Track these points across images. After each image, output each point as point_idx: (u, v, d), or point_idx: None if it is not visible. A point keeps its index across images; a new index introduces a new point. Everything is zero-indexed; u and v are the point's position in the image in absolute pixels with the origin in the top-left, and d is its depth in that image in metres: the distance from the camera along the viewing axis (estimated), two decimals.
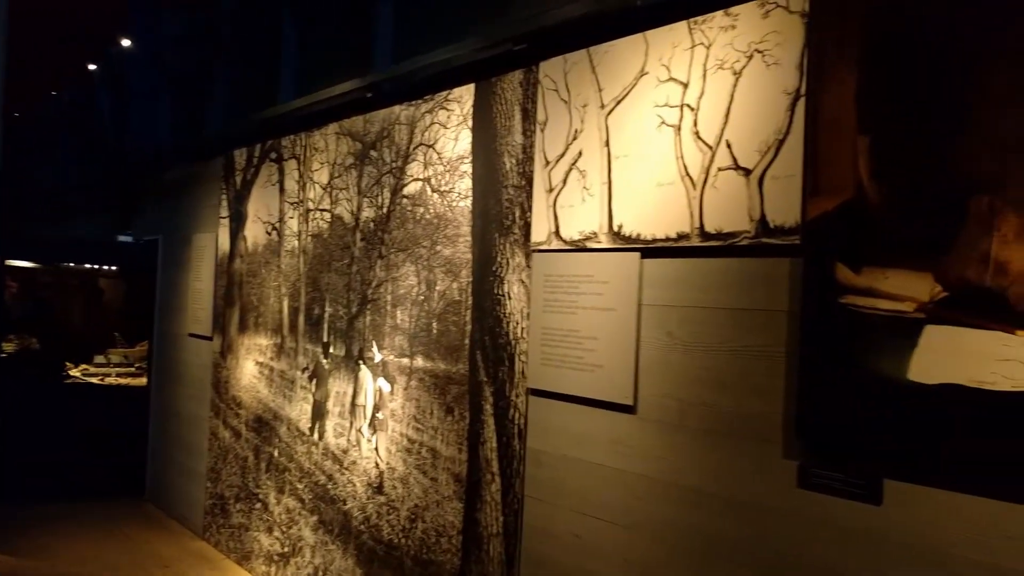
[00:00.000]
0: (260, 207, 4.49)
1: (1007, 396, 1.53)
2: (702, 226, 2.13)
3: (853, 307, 1.78)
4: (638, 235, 2.30)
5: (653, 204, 2.26)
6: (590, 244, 2.45)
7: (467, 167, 2.97)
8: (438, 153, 3.13)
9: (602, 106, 2.44)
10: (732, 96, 2.07)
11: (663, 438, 2.21)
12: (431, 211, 3.15)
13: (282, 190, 4.28)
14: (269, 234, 4.39)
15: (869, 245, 1.77)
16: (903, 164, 1.73)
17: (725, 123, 2.08)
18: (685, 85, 2.19)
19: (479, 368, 2.85)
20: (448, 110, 3.09)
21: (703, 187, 2.13)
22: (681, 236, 2.18)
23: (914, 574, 1.67)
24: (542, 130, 2.64)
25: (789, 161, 1.94)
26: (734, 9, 2.08)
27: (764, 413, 1.97)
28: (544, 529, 2.55)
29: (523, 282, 2.69)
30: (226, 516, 4.64)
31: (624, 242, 2.35)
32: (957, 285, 1.63)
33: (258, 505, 4.31)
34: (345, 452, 3.62)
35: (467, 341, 2.91)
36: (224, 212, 4.87)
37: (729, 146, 2.07)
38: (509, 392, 2.72)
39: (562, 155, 2.56)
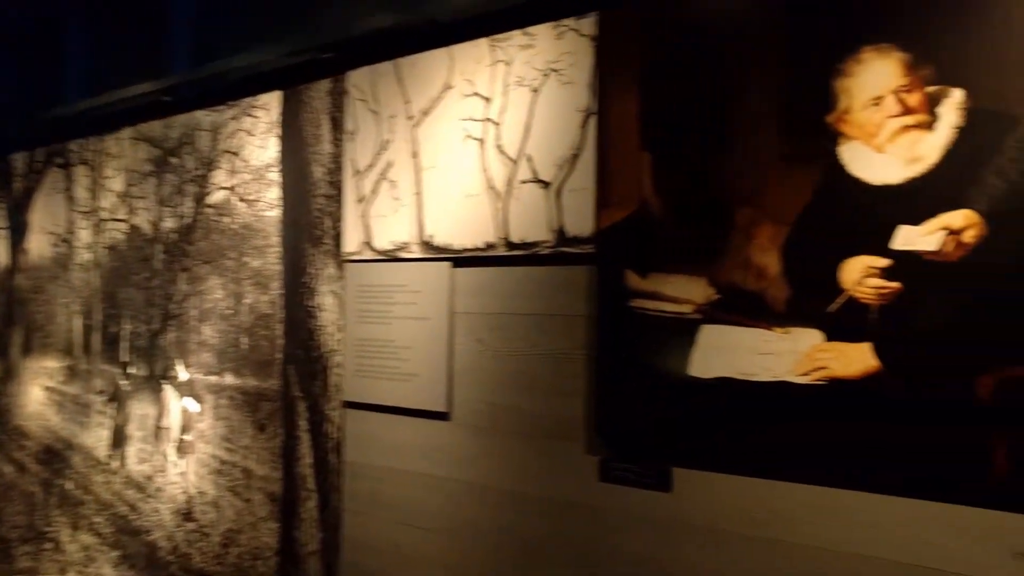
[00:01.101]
0: (45, 217, 4.09)
1: (767, 385, 1.73)
2: (507, 236, 2.21)
3: (641, 310, 1.93)
4: (449, 245, 2.35)
5: (462, 215, 2.32)
6: (403, 254, 2.47)
7: (275, 176, 2.88)
8: (244, 161, 3.01)
9: (410, 117, 2.46)
10: (531, 112, 2.17)
11: (477, 443, 2.27)
12: (237, 221, 3.02)
13: (71, 198, 3.92)
14: (56, 246, 4.00)
15: (654, 253, 1.92)
16: (680, 179, 1.90)
17: (526, 138, 2.18)
18: (488, 100, 2.27)
19: (292, 383, 2.78)
20: (254, 117, 2.98)
21: (507, 199, 2.21)
22: (489, 246, 2.25)
23: (700, 552, 1.83)
24: (351, 140, 2.62)
25: (583, 175, 2.06)
26: (532, 29, 2.18)
27: (568, 413, 2.08)
28: (364, 542, 2.53)
29: (336, 293, 2.66)
30: (10, 561, 4.17)
31: (436, 252, 2.38)
32: (727, 288, 1.82)
33: (48, 545, 3.91)
34: (149, 479, 3.38)
35: (279, 355, 2.83)
36: (1, 223, 4.37)
37: (530, 160, 2.17)
38: (324, 406, 2.67)
39: (372, 165, 2.56)
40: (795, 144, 1.74)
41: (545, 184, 2.14)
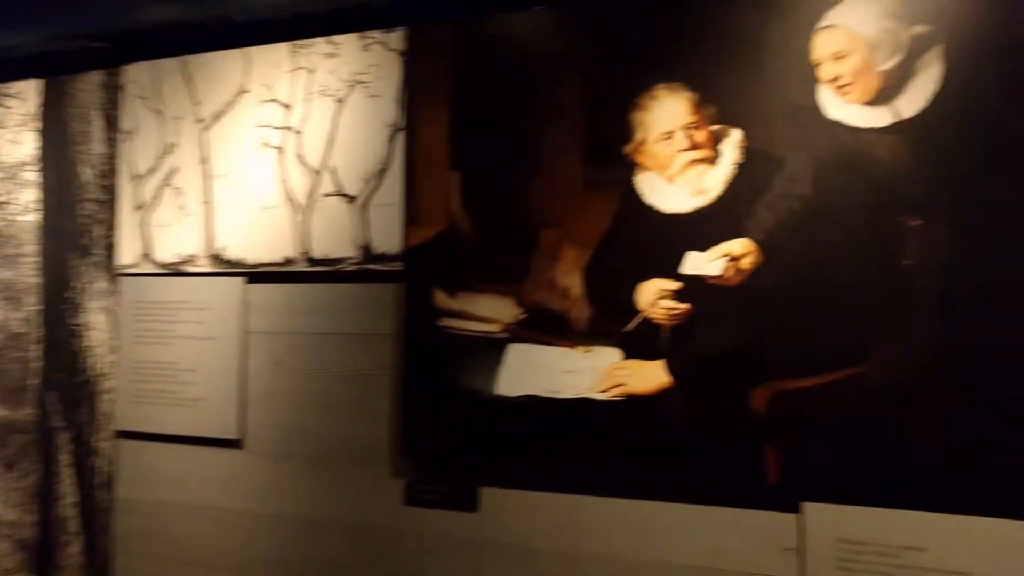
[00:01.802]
0: None
1: (570, 402, 1.79)
2: (309, 251, 2.10)
3: (449, 329, 1.92)
4: (243, 259, 2.19)
5: (258, 227, 2.17)
6: (188, 268, 2.26)
7: (33, 176, 2.52)
8: None
9: (199, 120, 2.27)
10: (336, 123, 2.09)
11: (273, 470, 2.13)
12: None
13: None
14: None
15: (463, 272, 1.92)
16: (489, 199, 1.91)
17: (329, 149, 2.09)
18: (288, 107, 2.15)
19: (52, 412, 2.43)
20: (6, 107, 2.59)
21: (309, 212, 2.11)
22: (288, 261, 2.13)
23: (509, 570, 1.85)
24: (129, 140, 2.36)
25: (391, 191, 2.02)
26: (337, 38, 2.10)
27: (373, 435, 2.01)
28: None
29: (108, 310, 2.37)
30: None
31: (227, 266, 2.21)
32: (533, 308, 1.86)
33: None
34: None
35: (34, 381, 2.47)
36: None
37: (334, 172, 2.08)
38: (91, 437, 2.37)
39: (153, 169, 2.32)
40: (596, 172, 1.82)
41: (351, 198, 2.06)
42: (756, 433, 1.64)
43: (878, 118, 1.60)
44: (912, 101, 1.58)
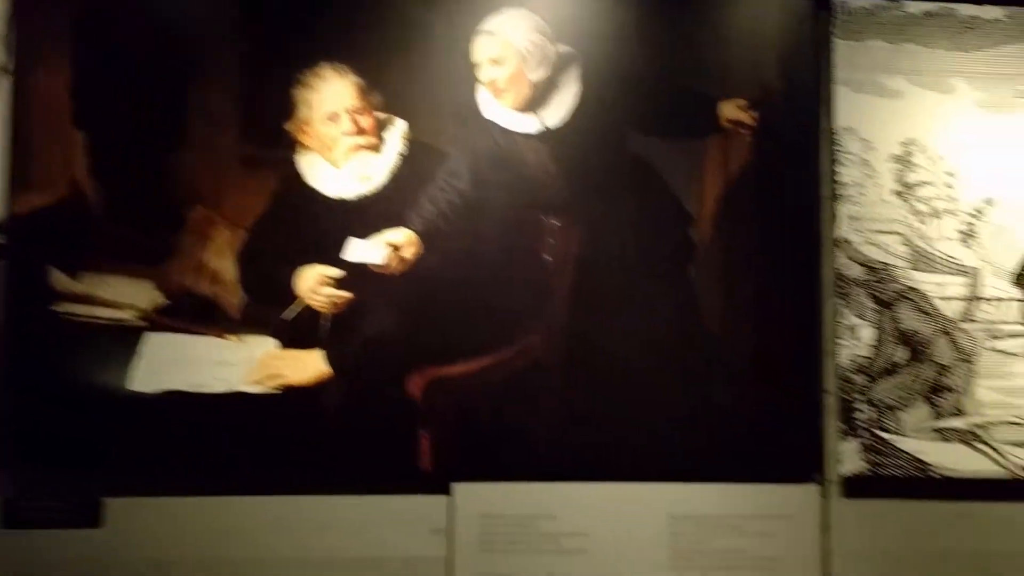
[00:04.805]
0: None
1: (221, 397, 1.65)
2: None
3: (69, 316, 1.63)
4: None
5: None
6: None
7: None
8: None
9: None
10: None
11: None
12: None
13: None
14: None
15: (88, 249, 1.65)
16: (125, 169, 1.67)
17: None
18: None
19: None
20: None
21: None
22: None
23: None
24: None
25: None
26: None
27: None
28: None
29: None
30: None
31: None
32: (177, 293, 1.67)
33: None
34: None
35: None
36: None
37: None
38: None
39: None
40: (254, 148, 1.70)
41: None
42: (411, 420, 1.68)
43: (528, 124, 1.74)
44: (556, 112, 1.75)
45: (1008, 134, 1.86)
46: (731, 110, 1.79)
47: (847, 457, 1.77)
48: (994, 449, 1.79)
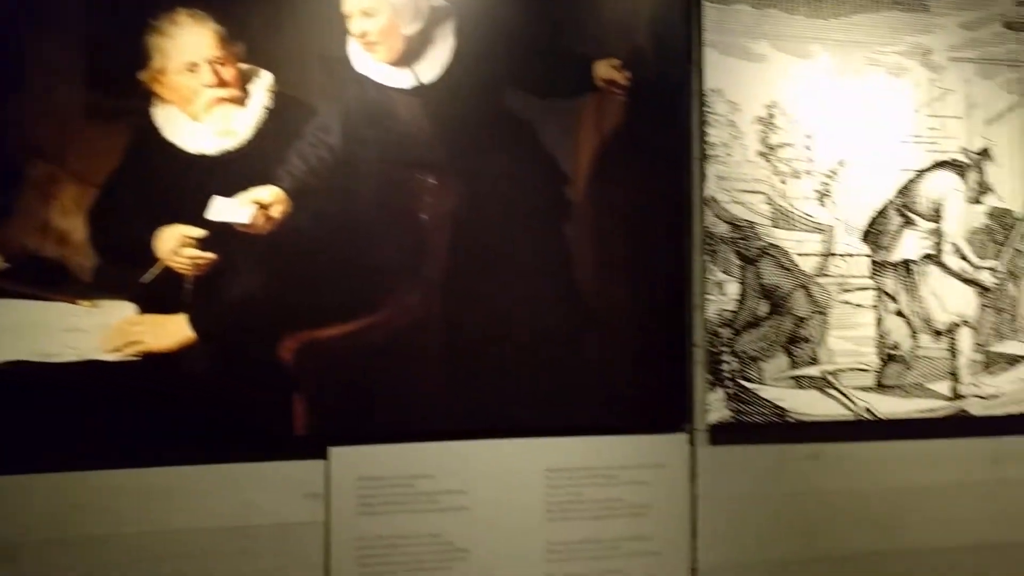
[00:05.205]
0: None
1: (72, 367, 1.54)
2: None
3: None
4: None
5: None
6: None
7: None
8: None
9: None
10: None
11: None
12: None
13: None
14: None
15: None
16: None
17: None
18: None
19: None
20: None
21: None
22: None
23: None
24: None
25: None
26: None
27: None
28: None
29: None
30: None
31: None
32: (19, 255, 1.54)
33: None
34: None
35: None
36: None
37: None
38: None
39: None
40: (104, 98, 1.57)
41: None
42: (284, 384, 1.63)
43: (401, 79, 1.70)
44: (430, 68, 1.72)
45: (859, 99, 1.97)
46: (605, 70, 1.81)
47: (713, 406, 1.86)
48: (843, 394, 1.93)
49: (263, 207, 1.61)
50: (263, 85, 1.62)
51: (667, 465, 1.84)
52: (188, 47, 1.59)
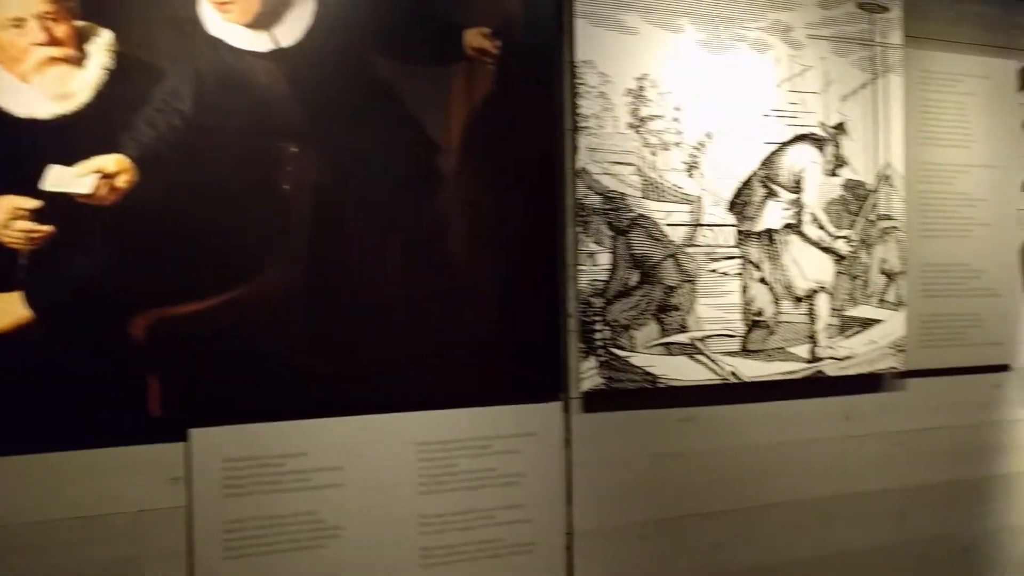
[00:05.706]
0: None
1: None
2: None
3: None
4: None
5: None
6: None
7: None
8: None
9: None
10: None
11: None
12: None
13: None
14: None
15: None
16: None
17: None
18: None
19: None
20: None
21: None
22: None
23: None
24: None
25: None
26: None
27: None
28: None
29: None
30: None
31: None
32: None
33: None
34: None
35: None
36: None
37: None
38: None
39: None
40: None
41: None
42: (136, 365, 1.54)
43: (258, 42, 1.61)
44: (290, 31, 1.64)
45: (726, 74, 2.03)
46: (475, 38, 1.78)
47: (586, 375, 1.89)
48: (710, 359, 2.01)
49: (107, 176, 1.50)
50: (102, 44, 1.50)
51: (540, 433, 1.86)
52: (13, 1, 1.45)
